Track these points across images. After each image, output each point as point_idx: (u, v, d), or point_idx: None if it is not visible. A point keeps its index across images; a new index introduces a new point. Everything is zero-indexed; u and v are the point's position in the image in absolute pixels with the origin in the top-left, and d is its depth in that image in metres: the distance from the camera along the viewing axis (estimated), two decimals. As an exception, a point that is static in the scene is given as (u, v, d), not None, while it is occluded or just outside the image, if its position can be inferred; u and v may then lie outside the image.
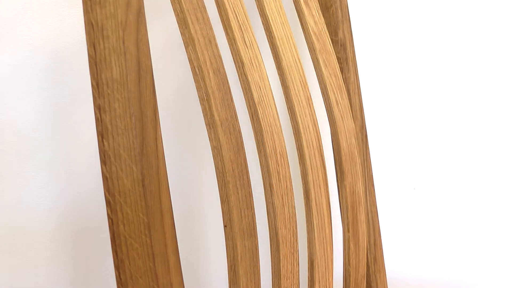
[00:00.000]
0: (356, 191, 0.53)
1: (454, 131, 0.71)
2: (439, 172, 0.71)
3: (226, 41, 0.45)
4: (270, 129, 0.45)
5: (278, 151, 0.45)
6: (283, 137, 0.46)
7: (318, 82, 0.52)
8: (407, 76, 0.69)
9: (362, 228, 0.54)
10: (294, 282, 0.46)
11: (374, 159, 0.67)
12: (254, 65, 0.45)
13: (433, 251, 0.72)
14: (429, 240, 0.72)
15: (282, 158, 0.45)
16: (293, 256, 0.46)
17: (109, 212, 0.32)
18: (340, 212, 0.54)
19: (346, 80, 0.57)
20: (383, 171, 0.70)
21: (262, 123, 0.44)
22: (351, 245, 0.53)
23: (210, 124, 0.41)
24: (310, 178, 0.48)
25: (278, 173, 0.45)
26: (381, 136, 0.70)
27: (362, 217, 0.54)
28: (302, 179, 0.48)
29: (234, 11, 0.44)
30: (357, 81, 0.59)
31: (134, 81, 0.33)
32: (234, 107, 0.43)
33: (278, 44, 0.48)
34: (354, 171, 0.53)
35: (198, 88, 0.41)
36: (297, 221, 0.46)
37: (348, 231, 0.53)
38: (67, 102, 0.57)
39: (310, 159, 0.48)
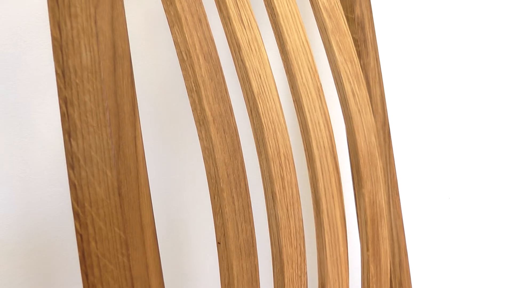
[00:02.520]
0: (377, 201, 0.54)
1: (499, 126, 0.71)
2: (480, 178, 0.71)
3: (219, 19, 0.45)
4: (273, 126, 0.45)
5: (282, 152, 0.46)
6: (288, 135, 0.47)
7: (331, 69, 0.53)
8: (440, 61, 0.70)
9: (385, 246, 0.54)
10: (302, 311, 0.46)
11: (399, 162, 0.68)
12: (253, 49, 0.45)
13: (472, 275, 0.72)
14: (468, 261, 0.72)
15: (286, 161, 0.46)
16: (301, 280, 0.46)
17: (78, 227, 0.33)
18: (358, 226, 0.55)
19: (364, 67, 0.58)
20: (410, 177, 0.71)
21: (262, 119, 0.45)
22: (371, 266, 0.53)
23: (201, 121, 0.41)
24: (320, 185, 0.48)
25: (282, 179, 0.45)
26: (407, 134, 0.70)
27: (384, 232, 0.54)
28: (311, 186, 0.49)
29: (229, -16, 0.45)
30: (378, 67, 0.59)
31: (108, 69, 0.33)
32: (229, 100, 0.43)
33: (282, 23, 0.48)
34: (375, 176, 0.54)
35: (186, 77, 0.41)
36: (305, 237, 0.47)
37: (368, 250, 0.53)
38: (24, 93, 0.57)
39: (320, 162, 0.48)
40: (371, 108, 0.55)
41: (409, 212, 0.70)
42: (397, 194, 0.60)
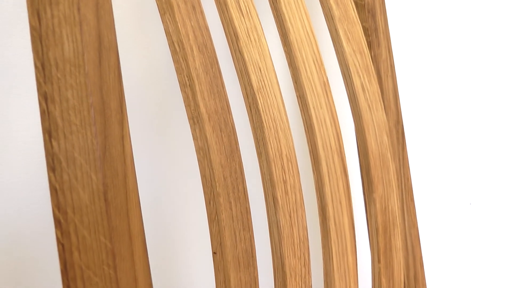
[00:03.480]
0: (390, 208, 0.54)
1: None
2: (505, 182, 0.71)
3: (214, 7, 0.45)
4: (274, 124, 0.46)
5: (284, 153, 0.46)
6: (291, 135, 0.47)
7: (338, 61, 0.53)
8: (459, 53, 0.70)
9: (398, 257, 0.55)
10: (307, 328, 0.46)
11: (414, 164, 0.68)
12: (253, 39, 0.45)
13: (494, 288, 0.72)
14: (491, 274, 0.72)
15: (289, 163, 0.46)
16: (305, 294, 0.46)
17: (59, 235, 0.33)
18: (368, 235, 0.55)
19: (375, 58, 0.58)
20: (427, 181, 0.71)
21: (263, 116, 0.45)
22: (383, 280, 0.53)
23: (195, 118, 0.42)
24: (327, 190, 0.48)
25: (285, 182, 0.45)
26: (423, 134, 0.70)
27: (397, 242, 0.54)
28: (316, 191, 0.49)
29: (226, -33, 0.45)
30: (390, 59, 0.59)
31: (93, 62, 0.33)
32: (226, 96, 0.43)
33: (284, 11, 0.48)
34: (387, 180, 0.54)
35: (179, 71, 0.42)
36: (309, 247, 0.47)
37: (379, 261, 0.53)
38: None
39: (327, 164, 0.49)
40: (382, 105, 0.55)
41: (425, 219, 0.70)
42: (412, 199, 0.60)
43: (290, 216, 0.45)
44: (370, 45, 0.58)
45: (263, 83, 0.46)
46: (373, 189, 0.53)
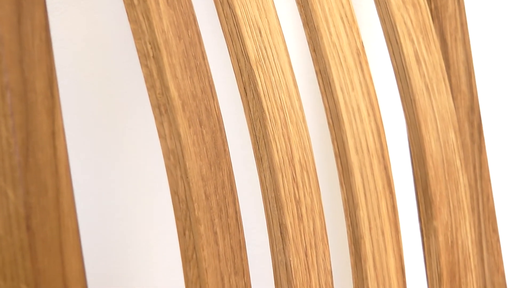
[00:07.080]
0: (459, 242, 0.54)
1: None
2: None
3: None
4: (281, 114, 0.46)
5: (296, 158, 0.46)
6: (307, 131, 0.47)
7: (379, 18, 0.53)
8: None
9: (472, 316, 0.55)
10: None
11: (497, 176, 0.68)
12: (249, -14, 0.46)
13: None
14: None
15: (305, 174, 0.47)
16: None
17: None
18: (427, 283, 0.55)
19: (437, 13, 0.58)
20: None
21: (264, 102, 0.46)
22: None
23: (162, 106, 0.42)
24: (362, 214, 0.49)
25: (298, 202, 0.46)
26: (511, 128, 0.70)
27: (471, 293, 0.55)
28: (346, 216, 0.49)
29: None
30: (460, 14, 0.59)
31: (9, 21, 0.34)
32: (209, 72, 0.44)
33: None
34: (455, 200, 0.54)
35: (137, 34, 0.42)
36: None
37: (443, 323, 0.54)
38: None
39: (362, 175, 0.49)
40: (448, 84, 0.55)
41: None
42: (495, 230, 0.60)
43: (305, 254, 0.46)
44: (429, -7, 0.58)
45: (264, 52, 0.46)
46: (433, 214, 0.53)
